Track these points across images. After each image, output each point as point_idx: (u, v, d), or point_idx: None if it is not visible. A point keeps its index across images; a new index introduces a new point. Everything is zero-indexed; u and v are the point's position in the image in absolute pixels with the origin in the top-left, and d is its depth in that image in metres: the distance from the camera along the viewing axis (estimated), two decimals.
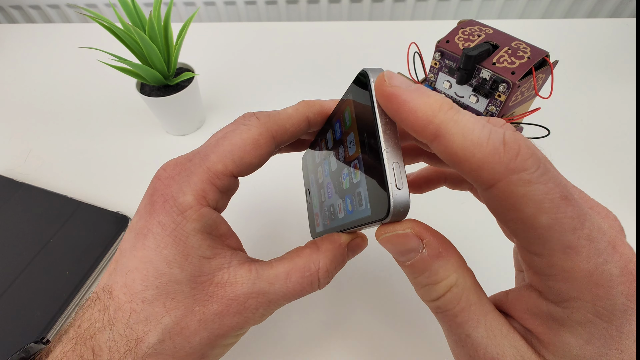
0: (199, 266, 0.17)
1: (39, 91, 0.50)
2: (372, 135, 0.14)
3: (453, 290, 0.14)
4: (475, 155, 0.12)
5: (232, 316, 0.17)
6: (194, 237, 0.17)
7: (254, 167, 0.18)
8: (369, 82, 0.15)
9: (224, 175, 0.18)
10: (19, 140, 0.44)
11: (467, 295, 0.14)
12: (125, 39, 0.35)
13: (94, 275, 0.30)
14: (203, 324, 0.16)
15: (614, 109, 0.42)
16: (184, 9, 0.87)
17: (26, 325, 0.27)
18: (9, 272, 0.30)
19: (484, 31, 0.34)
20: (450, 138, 0.12)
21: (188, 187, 0.17)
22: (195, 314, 0.16)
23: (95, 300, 0.17)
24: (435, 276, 0.14)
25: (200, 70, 0.51)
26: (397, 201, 0.13)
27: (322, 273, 0.18)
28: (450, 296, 0.14)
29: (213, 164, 0.17)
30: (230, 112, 0.45)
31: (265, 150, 0.18)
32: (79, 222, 0.33)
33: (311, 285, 0.18)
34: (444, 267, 0.14)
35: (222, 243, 0.18)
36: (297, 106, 0.20)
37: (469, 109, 0.35)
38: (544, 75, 0.32)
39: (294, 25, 0.58)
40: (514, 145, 0.11)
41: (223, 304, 0.17)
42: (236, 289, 0.17)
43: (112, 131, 0.44)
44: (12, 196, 0.35)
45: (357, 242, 0.19)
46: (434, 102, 0.13)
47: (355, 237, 0.19)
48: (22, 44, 0.60)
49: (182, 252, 0.16)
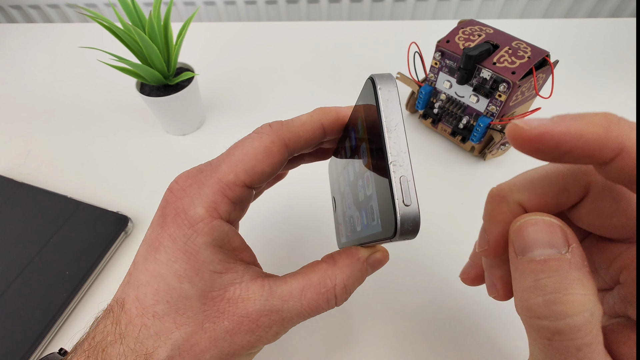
0: (210, 281, 0.16)
1: (38, 91, 0.50)
2: (379, 146, 0.13)
3: (586, 315, 0.11)
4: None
5: (243, 334, 0.16)
6: (205, 251, 0.16)
7: (267, 175, 0.18)
8: (375, 90, 0.14)
9: (236, 186, 0.17)
10: (18, 140, 0.44)
11: (597, 331, 0.11)
12: (125, 38, 0.35)
13: (93, 275, 0.30)
14: (213, 342, 0.16)
15: (614, 109, 0.42)
16: (184, 9, 0.87)
17: (26, 324, 0.27)
18: (9, 272, 0.30)
19: (484, 31, 0.34)
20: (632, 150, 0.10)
21: (199, 199, 0.17)
22: (206, 330, 0.16)
23: (109, 313, 0.16)
24: (572, 289, 0.11)
25: (200, 70, 0.51)
26: (404, 219, 0.12)
27: (339, 290, 0.17)
28: (581, 320, 0.11)
29: (224, 174, 0.17)
30: (230, 112, 0.45)
31: (278, 159, 0.18)
32: (78, 222, 0.33)
33: (327, 303, 0.17)
34: (585, 285, 0.11)
35: (234, 257, 0.17)
36: (312, 113, 0.19)
37: (469, 109, 0.35)
38: (545, 75, 0.32)
39: (294, 25, 0.58)
40: None
41: (234, 321, 0.16)
42: (248, 306, 0.16)
43: (112, 131, 0.44)
44: (12, 196, 0.35)
45: (378, 258, 0.18)
46: (600, 116, 0.11)
47: (375, 251, 0.18)
48: (22, 43, 0.60)
49: (193, 266, 0.16)
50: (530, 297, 0.12)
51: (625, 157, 0.11)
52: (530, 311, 0.12)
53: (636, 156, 0.11)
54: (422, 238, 0.32)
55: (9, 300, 0.28)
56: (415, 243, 0.32)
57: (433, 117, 0.38)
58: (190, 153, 0.41)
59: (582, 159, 0.11)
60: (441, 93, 0.36)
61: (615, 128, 0.11)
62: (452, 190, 0.35)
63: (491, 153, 0.36)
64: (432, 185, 0.36)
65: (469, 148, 0.37)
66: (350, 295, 0.18)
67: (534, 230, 0.13)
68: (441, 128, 0.39)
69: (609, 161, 0.11)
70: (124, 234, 0.33)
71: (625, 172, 0.11)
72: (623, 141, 0.11)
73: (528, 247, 0.13)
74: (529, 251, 0.12)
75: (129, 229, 0.33)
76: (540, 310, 0.12)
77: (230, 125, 0.44)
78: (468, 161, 0.38)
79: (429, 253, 0.31)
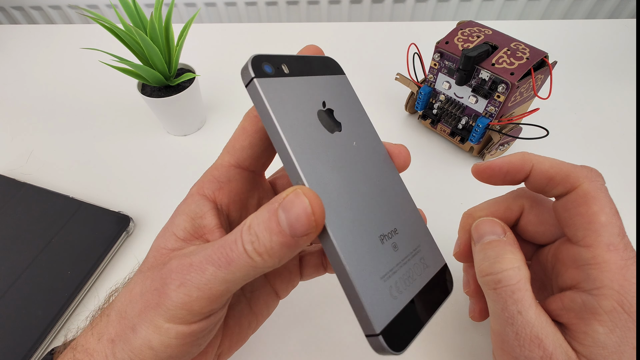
0: (162, 257, 0.17)
1: (40, 91, 0.50)
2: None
3: (515, 270, 0.17)
4: (562, 170, 0.18)
5: (163, 288, 0.15)
6: (177, 217, 0.18)
7: (247, 150, 0.18)
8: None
9: (222, 166, 0.18)
10: (20, 140, 0.44)
11: (525, 281, 0.17)
12: (126, 39, 0.35)
13: (95, 275, 0.30)
14: (142, 295, 0.16)
15: (612, 110, 0.43)
16: (185, 10, 0.88)
17: (27, 324, 0.27)
18: (10, 272, 0.30)
19: (483, 32, 0.34)
20: (542, 164, 0.19)
21: (194, 187, 0.19)
22: (136, 290, 0.16)
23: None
24: (505, 255, 0.18)
25: (201, 70, 0.51)
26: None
27: (245, 228, 0.14)
28: (512, 272, 0.17)
29: (215, 164, 0.19)
30: (231, 113, 0.46)
31: (253, 135, 0.18)
32: (80, 222, 0.33)
33: (235, 243, 0.14)
34: (514, 253, 0.18)
35: (198, 233, 0.17)
36: None
37: (468, 110, 0.35)
38: (543, 75, 0.32)
39: (294, 26, 0.59)
40: (587, 166, 0.18)
41: (160, 279, 0.15)
42: (172, 264, 0.15)
43: (113, 131, 0.44)
44: (14, 196, 0.35)
45: (289, 199, 0.14)
46: (519, 153, 0.20)
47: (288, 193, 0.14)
48: (24, 44, 0.60)
49: (156, 255, 0.17)
50: (481, 264, 0.19)
51: (536, 169, 0.19)
52: (481, 272, 0.19)
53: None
54: None
55: (11, 299, 0.29)
56: None
57: (432, 118, 0.39)
58: (191, 153, 0.41)
59: (515, 176, 0.20)
60: (440, 94, 0.37)
61: (528, 156, 0.19)
62: (451, 190, 0.36)
63: (490, 153, 0.36)
64: (432, 185, 0.36)
65: (468, 148, 0.38)
66: (271, 257, 0.14)
67: (483, 226, 0.20)
68: (440, 128, 0.39)
69: (528, 174, 0.19)
70: (126, 233, 0.33)
71: (538, 180, 0.19)
72: (532, 161, 0.19)
73: (480, 236, 0.20)
74: (481, 238, 0.20)
75: (130, 228, 0.33)
76: (487, 270, 0.18)
77: (231, 126, 0.44)
78: (467, 161, 0.38)
79: None
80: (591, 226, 0.17)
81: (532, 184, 0.19)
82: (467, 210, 0.23)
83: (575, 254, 0.17)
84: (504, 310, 0.17)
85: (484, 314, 0.22)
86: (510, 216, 0.21)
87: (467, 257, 0.22)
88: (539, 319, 0.17)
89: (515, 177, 0.20)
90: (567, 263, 0.18)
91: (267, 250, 0.14)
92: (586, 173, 0.18)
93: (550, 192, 0.19)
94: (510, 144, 0.37)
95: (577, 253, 0.17)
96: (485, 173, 0.20)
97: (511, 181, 0.20)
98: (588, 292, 0.16)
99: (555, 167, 0.18)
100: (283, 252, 0.14)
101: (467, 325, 0.27)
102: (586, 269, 0.17)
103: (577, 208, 0.17)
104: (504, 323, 0.17)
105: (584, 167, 0.18)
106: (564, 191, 0.18)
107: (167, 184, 0.38)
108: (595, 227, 0.17)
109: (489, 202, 0.22)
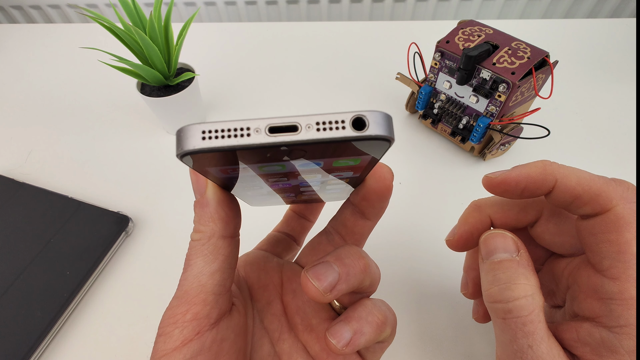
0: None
1: (39, 91, 0.50)
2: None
3: (529, 299, 0.15)
4: (592, 188, 0.15)
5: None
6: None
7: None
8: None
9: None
10: (19, 140, 0.44)
11: (539, 311, 0.15)
12: (125, 39, 0.35)
13: (94, 275, 0.30)
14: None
15: (613, 109, 0.42)
16: (185, 9, 0.87)
17: (27, 325, 0.27)
18: (9, 272, 0.30)
19: (484, 31, 0.34)
20: (567, 179, 0.16)
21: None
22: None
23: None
24: (517, 280, 0.16)
25: (200, 70, 0.51)
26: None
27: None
28: (525, 302, 0.15)
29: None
30: (231, 112, 0.45)
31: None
32: (79, 222, 0.33)
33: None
34: (528, 278, 0.16)
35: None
36: None
37: (468, 109, 0.35)
38: (544, 75, 0.32)
39: (294, 26, 0.58)
40: (622, 180, 0.15)
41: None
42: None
43: (112, 131, 0.44)
44: (13, 196, 0.35)
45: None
46: (538, 162, 0.16)
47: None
48: (23, 44, 0.60)
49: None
50: (490, 287, 0.16)
51: (560, 186, 0.16)
52: (490, 297, 0.16)
53: (636, 173, 0.14)
54: (422, 238, 0.32)
55: (10, 300, 0.28)
56: (415, 243, 0.32)
57: (433, 118, 0.38)
58: None
59: (535, 192, 0.17)
60: (441, 93, 0.37)
61: (550, 168, 0.16)
62: (452, 190, 0.36)
63: (491, 153, 0.36)
64: (432, 185, 0.36)
65: (469, 148, 0.37)
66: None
67: (494, 241, 0.17)
68: (441, 128, 0.39)
69: (551, 191, 0.16)
70: (125, 234, 0.33)
71: (562, 198, 0.16)
72: (556, 175, 0.16)
73: (490, 252, 0.17)
74: (491, 255, 0.17)
75: (129, 229, 0.33)
76: (496, 296, 0.16)
77: None
78: (468, 161, 0.38)
79: (428, 253, 0.31)
80: (621, 257, 0.15)
81: (555, 201, 0.17)
82: (476, 201, 0.20)
83: (598, 284, 0.16)
84: (512, 342, 0.16)
85: (489, 316, 0.21)
86: (523, 219, 0.19)
87: (460, 248, 0.20)
88: (550, 353, 0.15)
89: (534, 193, 0.17)
90: (586, 291, 0.16)
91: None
92: (621, 192, 0.15)
93: (575, 211, 0.16)
94: (511, 143, 0.37)
95: (600, 284, 0.15)
96: (499, 188, 0.17)
97: (529, 197, 0.17)
98: (609, 328, 0.15)
99: (584, 184, 0.15)
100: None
101: (467, 326, 0.27)
102: (609, 304, 0.15)
103: (606, 234, 0.15)
104: (511, 355, 0.16)
105: (619, 183, 0.15)
106: (592, 212, 0.16)
107: (167, 184, 0.38)
108: (626, 258, 0.15)
109: (502, 197, 0.19)
